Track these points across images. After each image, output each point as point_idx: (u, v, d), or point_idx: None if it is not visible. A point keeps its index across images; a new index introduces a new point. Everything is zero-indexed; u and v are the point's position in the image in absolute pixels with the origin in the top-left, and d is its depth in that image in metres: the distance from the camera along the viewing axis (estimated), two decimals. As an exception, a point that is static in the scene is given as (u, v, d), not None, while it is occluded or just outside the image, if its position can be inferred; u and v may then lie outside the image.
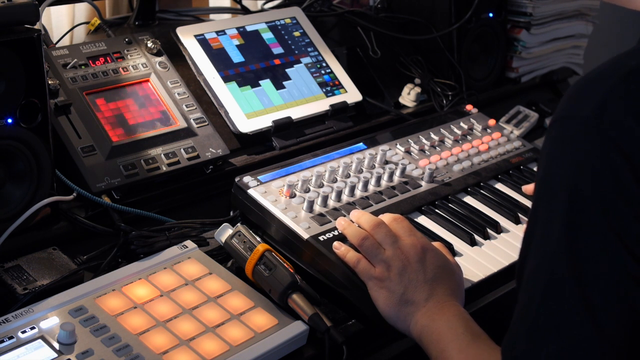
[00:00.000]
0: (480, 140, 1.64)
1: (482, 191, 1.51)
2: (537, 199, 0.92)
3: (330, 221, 1.30)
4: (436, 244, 1.24)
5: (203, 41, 1.62)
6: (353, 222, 1.26)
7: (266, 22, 1.73)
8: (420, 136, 1.60)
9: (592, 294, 0.86)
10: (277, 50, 1.70)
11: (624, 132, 0.85)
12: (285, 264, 1.18)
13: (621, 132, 0.85)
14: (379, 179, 1.43)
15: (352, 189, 1.38)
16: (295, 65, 1.70)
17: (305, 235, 1.26)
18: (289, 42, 1.73)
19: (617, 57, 0.92)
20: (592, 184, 0.86)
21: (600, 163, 0.85)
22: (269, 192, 1.34)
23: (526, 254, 0.93)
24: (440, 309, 1.13)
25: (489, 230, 1.40)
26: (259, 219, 1.33)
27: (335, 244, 1.23)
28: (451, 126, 1.67)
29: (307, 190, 1.36)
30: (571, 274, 0.86)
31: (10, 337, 1.03)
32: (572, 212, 0.87)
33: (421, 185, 1.46)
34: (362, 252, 1.20)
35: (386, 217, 1.25)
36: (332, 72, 1.73)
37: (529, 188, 1.53)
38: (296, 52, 1.72)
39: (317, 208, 1.32)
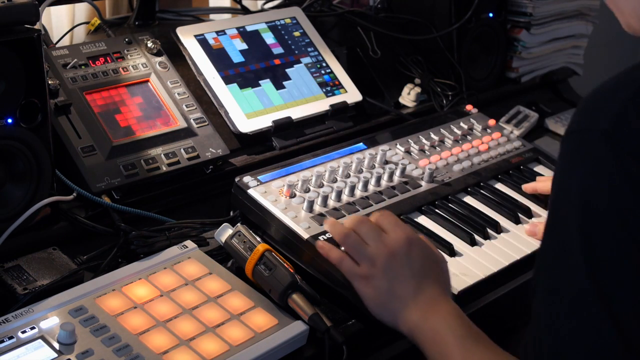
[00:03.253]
0: (480, 140, 1.64)
1: (482, 191, 1.51)
2: (552, 214, 0.91)
3: (330, 221, 1.30)
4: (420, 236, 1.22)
5: (203, 41, 1.62)
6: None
7: (266, 22, 1.73)
8: (420, 136, 1.60)
9: (611, 302, 0.84)
10: (277, 50, 1.70)
11: None
12: (285, 264, 1.18)
13: (638, 144, 0.83)
14: (379, 179, 1.43)
15: (352, 189, 1.38)
16: (295, 65, 1.70)
17: (305, 235, 1.26)
18: (289, 42, 1.73)
19: (631, 67, 0.91)
20: (609, 197, 0.84)
21: (617, 175, 0.84)
22: (269, 192, 1.34)
23: (542, 264, 0.92)
24: (432, 305, 1.11)
25: (489, 230, 1.40)
26: (259, 219, 1.33)
27: (319, 242, 1.21)
28: (451, 126, 1.67)
29: (307, 190, 1.36)
30: (590, 283, 0.85)
31: (10, 337, 1.03)
32: (587, 223, 0.85)
33: (421, 185, 1.46)
34: (346, 250, 1.18)
35: (373, 214, 1.22)
36: (332, 72, 1.74)
37: (528, 187, 1.53)
38: (296, 52, 1.72)
39: (317, 208, 1.32)
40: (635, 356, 0.84)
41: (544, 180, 1.52)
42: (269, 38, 1.71)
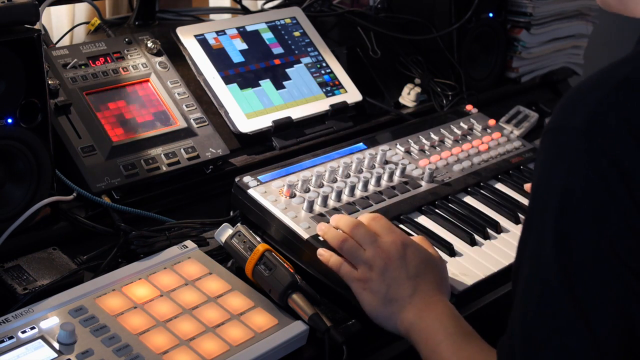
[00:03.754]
0: (480, 140, 1.64)
1: (482, 191, 1.51)
2: (531, 208, 0.92)
3: (330, 221, 1.30)
4: (416, 238, 1.23)
5: (203, 41, 1.62)
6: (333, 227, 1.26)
7: (266, 22, 1.73)
8: (420, 136, 1.60)
9: (584, 303, 0.85)
10: (277, 50, 1.70)
11: (615, 142, 0.84)
12: (285, 264, 1.18)
13: (612, 143, 0.84)
14: (379, 179, 1.43)
15: (352, 189, 1.38)
16: (295, 65, 1.70)
17: (305, 235, 1.26)
18: (289, 42, 1.73)
19: (610, 65, 0.91)
20: (583, 195, 0.85)
21: (591, 173, 0.85)
22: (269, 192, 1.34)
23: (521, 260, 0.93)
24: (427, 305, 1.12)
25: (489, 230, 1.40)
26: (259, 219, 1.33)
27: (320, 250, 1.22)
28: (451, 126, 1.67)
29: (307, 190, 1.36)
30: (563, 283, 0.86)
31: (10, 337, 1.03)
32: (562, 222, 0.86)
33: (421, 185, 1.46)
34: (342, 255, 1.20)
35: (364, 217, 1.24)
36: (332, 72, 1.73)
37: (530, 186, 1.53)
38: (296, 52, 1.72)
39: (317, 208, 1.32)
40: (601, 351, 0.85)
41: None
42: (269, 38, 1.71)
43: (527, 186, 1.53)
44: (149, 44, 1.52)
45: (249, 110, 1.57)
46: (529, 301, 0.89)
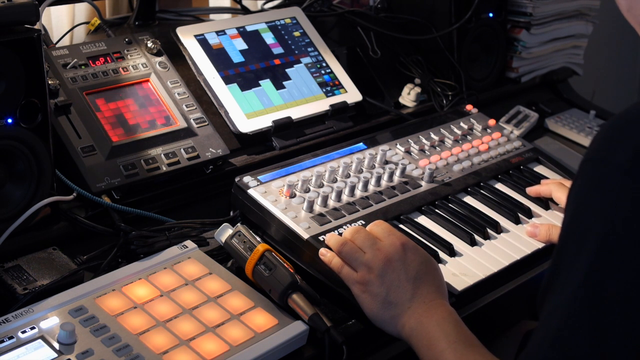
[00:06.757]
0: (480, 140, 1.64)
1: (482, 191, 1.51)
2: (565, 238, 0.89)
3: (330, 221, 1.30)
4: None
5: (203, 41, 1.62)
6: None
7: (266, 22, 1.73)
8: (420, 136, 1.60)
9: (606, 344, 0.83)
10: (277, 50, 1.70)
11: None
12: (285, 264, 1.18)
13: None
14: (379, 179, 1.43)
15: (352, 189, 1.38)
16: (295, 65, 1.70)
17: (305, 235, 1.26)
18: (289, 42, 1.73)
19: None
20: (624, 233, 0.82)
21: (633, 212, 0.81)
22: (269, 192, 1.34)
23: (548, 287, 0.90)
24: (428, 309, 1.12)
25: (489, 230, 1.40)
26: (259, 219, 1.33)
27: (322, 250, 1.22)
28: (451, 126, 1.67)
29: (307, 190, 1.36)
30: (589, 319, 0.84)
31: (10, 337, 1.03)
32: (598, 260, 0.83)
33: (421, 185, 1.46)
34: (342, 258, 1.19)
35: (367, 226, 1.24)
36: (332, 72, 1.74)
37: (532, 190, 1.52)
38: (296, 52, 1.72)
39: (317, 208, 1.32)
40: None
41: (546, 184, 1.52)
42: (269, 38, 1.71)
43: (529, 190, 1.52)
44: (149, 44, 1.52)
45: (249, 110, 1.57)
46: (551, 327, 0.87)
